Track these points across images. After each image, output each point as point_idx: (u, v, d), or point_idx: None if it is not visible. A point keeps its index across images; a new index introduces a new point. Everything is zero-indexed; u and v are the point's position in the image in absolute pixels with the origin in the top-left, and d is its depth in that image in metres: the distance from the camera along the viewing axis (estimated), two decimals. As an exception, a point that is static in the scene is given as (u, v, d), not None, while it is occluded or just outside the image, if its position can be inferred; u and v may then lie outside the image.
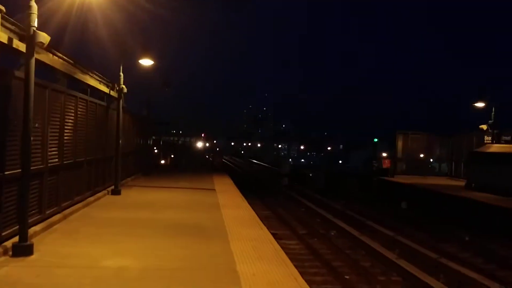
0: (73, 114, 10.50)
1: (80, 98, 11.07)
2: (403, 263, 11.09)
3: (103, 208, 11.70)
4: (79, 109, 10.98)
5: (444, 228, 17.11)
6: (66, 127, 10.00)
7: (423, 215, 19.90)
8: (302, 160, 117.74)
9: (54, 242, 7.74)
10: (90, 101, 12.11)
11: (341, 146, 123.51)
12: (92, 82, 12.37)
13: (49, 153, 8.88)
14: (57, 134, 9.43)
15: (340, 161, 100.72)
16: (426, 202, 21.48)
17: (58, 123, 9.46)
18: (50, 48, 8.86)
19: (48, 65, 8.89)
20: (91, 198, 12.32)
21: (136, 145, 20.81)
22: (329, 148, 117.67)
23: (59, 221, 9.39)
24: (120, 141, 15.01)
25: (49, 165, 8.85)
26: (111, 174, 14.63)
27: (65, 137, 9.95)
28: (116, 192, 14.09)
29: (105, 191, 13.90)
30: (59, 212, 9.68)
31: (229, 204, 13.46)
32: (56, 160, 9.40)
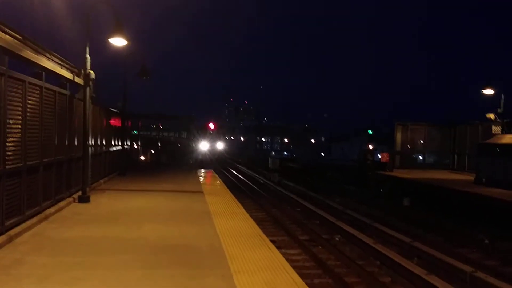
0: (20, 104, 8.06)
1: (31, 83, 8.61)
2: (433, 279, 9.14)
3: (65, 222, 9.30)
4: (29, 98, 8.53)
5: (458, 230, 15.34)
6: (9, 121, 7.58)
7: (432, 214, 18.13)
8: (285, 153, 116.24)
9: (-19, 286, 5.40)
10: (47, 89, 9.66)
11: (323, 138, 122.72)
12: (50, 65, 9.89)
13: (-19, 157, 6.48)
14: (-6, 130, 7.00)
15: (323, 154, 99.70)
16: (432, 199, 19.65)
17: (-6, 115, 7.04)
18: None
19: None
20: (51, 209, 9.91)
21: (110, 142, 18.34)
22: (312, 141, 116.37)
23: (1, 246, 7.02)
24: (89, 138, 12.64)
25: (-20, 173, 6.44)
26: (79, 177, 12.22)
27: (8, 135, 7.54)
28: (84, 199, 11.68)
29: (70, 199, 11.49)
30: (2, 234, 7.31)
31: (222, 211, 11.22)
32: (-6, 165, 7.00)
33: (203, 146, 38.90)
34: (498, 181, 18.58)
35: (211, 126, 43.57)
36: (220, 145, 44.04)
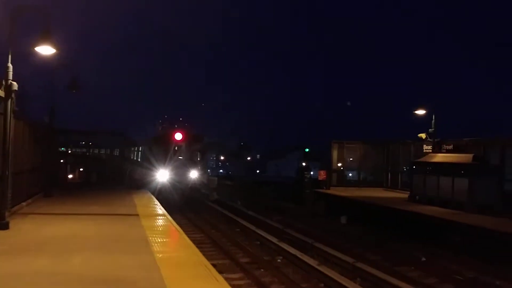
0: None
1: None
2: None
3: (-23, 255, 8.08)
4: None
5: (396, 247, 15.61)
6: None
7: (369, 231, 18.37)
8: (221, 170, 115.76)
9: None
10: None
11: (258, 155, 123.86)
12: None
13: None
14: None
15: (258, 171, 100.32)
16: (368, 217, 19.97)
17: None
18: None
19: None
20: (-39, 239, 8.62)
21: (34, 160, 16.78)
22: (248, 158, 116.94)
23: None
24: (10, 155, 11.32)
25: None
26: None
27: None
28: (2, 225, 10.34)
29: (-15, 225, 10.15)
30: None
31: (160, 236, 10.43)
32: None
33: (161, 175, 23.56)
34: (431, 199, 19.27)
35: (178, 137, 24.57)
36: (194, 173, 25.31)
